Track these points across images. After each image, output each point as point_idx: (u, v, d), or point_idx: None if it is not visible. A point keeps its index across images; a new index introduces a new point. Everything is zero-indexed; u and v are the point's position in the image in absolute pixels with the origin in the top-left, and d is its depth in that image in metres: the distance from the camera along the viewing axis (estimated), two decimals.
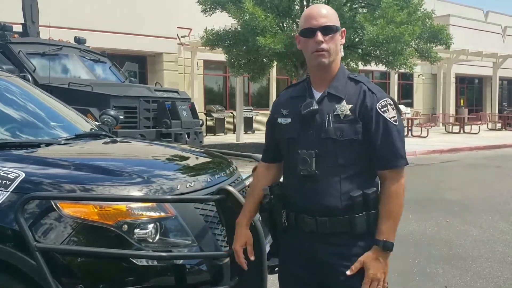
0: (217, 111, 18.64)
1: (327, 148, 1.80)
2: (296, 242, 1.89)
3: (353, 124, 1.78)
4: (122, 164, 2.65)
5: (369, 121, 1.78)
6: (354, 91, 1.83)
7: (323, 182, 1.81)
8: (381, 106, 1.80)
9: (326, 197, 1.80)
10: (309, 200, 1.83)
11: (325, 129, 1.80)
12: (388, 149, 1.79)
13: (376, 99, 1.80)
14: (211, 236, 2.24)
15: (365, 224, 1.79)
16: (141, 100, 8.15)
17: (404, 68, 11.95)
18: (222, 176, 2.63)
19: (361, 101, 1.80)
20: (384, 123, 1.78)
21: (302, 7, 12.46)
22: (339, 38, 1.85)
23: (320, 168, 1.80)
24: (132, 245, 2.03)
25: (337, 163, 1.80)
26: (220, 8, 12.48)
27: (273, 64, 14.02)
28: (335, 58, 1.85)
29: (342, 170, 1.80)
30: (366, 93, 1.81)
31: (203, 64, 19.19)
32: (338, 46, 1.85)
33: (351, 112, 1.79)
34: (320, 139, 1.81)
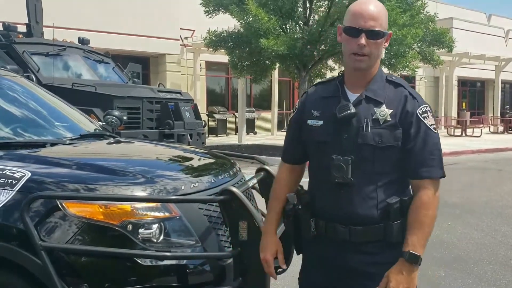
0: (219, 112, 18.66)
1: (364, 155, 1.70)
2: (323, 251, 1.81)
3: (393, 130, 1.69)
4: (126, 164, 2.66)
5: (409, 127, 1.70)
6: (394, 95, 1.73)
7: (359, 190, 1.72)
8: (422, 112, 1.71)
9: (362, 206, 1.71)
10: (343, 209, 1.73)
11: (362, 134, 1.70)
12: (426, 157, 1.70)
13: (418, 104, 1.72)
14: (214, 236, 2.25)
15: (401, 232, 1.70)
16: (144, 101, 8.17)
17: (407, 71, 11.96)
18: (226, 177, 2.64)
19: (402, 106, 1.71)
20: (424, 130, 1.70)
21: (305, 9, 12.49)
22: (383, 42, 1.74)
23: (356, 175, 1.70)
24: (136, 245, 2.05)
25: (374, 170, 1.71)
26: (223, 9, 12.51)
27: (276, 66, 14.04)
28: (375, 62, 1.76)
29: (379, 177, 1.72)
30: (408, 97, 1.72)
31: (206, 65, 19.22)
32: (381, 50, 1.75)
33: (391, 117, 1.70)
34: (356, 145, 1.71)
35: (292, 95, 22.21)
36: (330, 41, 11.57)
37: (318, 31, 11.47)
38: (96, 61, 9.35)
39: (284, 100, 21.75)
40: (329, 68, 15.01)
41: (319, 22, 11.96)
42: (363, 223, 1.71)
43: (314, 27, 11.82)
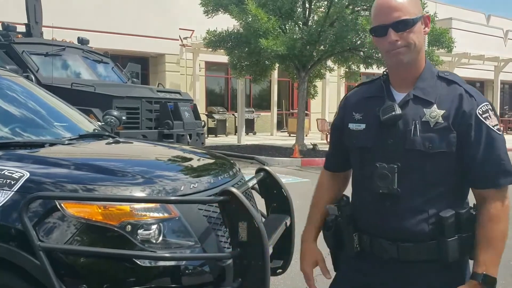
0: (218, 112, 18.65)
1: (412, 162, 1.51)
2: (368, 269, 1.62)
3: (446, 134, 1.48)
4: (125, 164, 2.65)
5: (467, 130, 1.48)
6: (447, 93, 1.52)
7: (407, 202, 1.52)
8: (482, 111, 1.49)
9: (410, 219, 1.52)
10: (388, 223, 1.55)
11: (411, 139, 1.50)
12: (492, 163, 1.49)
13: (476, 103, 1.49)
14: (214, 237, 2.24)
15: (458, 250, 1.49)
16: (143, 101, 8.17)
17: None
18: (225, 178, 2.63)
19: (456, 106, 1.49)
20: (487, 132, 1.48)
21: (304, 9, 12.49)
22: (421, 28, 1.53)
23: (403, 185, 1.51)
24: (135, 245, 2.03)
25: (424, 179, 1.51)
26: (223, 9, 12.51)
27: (275, 66, 14.05)
28: (418, 53, 1.54)
29: (430, 187, 1.52)
30: (463, 96, 1.50)
31: (205, 65, 19.22)
32: (421, 38, 1.53)
33: (443, 119, 1.48)
34: (404, 151, 1.52)
35: (291, 95, 22.21)
36: (329, 41, 11.57)
37: (317, 32, 11.47)
38: (95, 61, 9.35)
39: (284, 101, 21.75)
40: (328, 68, 15.02)
41: (318, 22, 11.96)
42: (413, 239, 1.51)
43: (314, 28, 11.82)
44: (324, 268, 1.80)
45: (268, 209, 2.90)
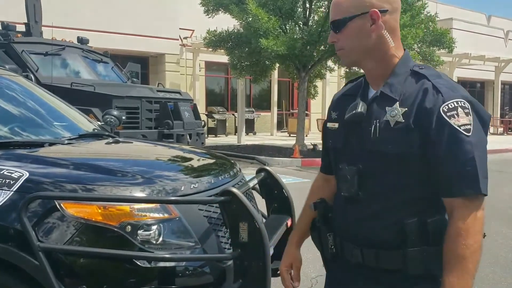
0: (218, 112, 18.65)
1: (374, 164, 1.40)
2: (341, 274, 1.57)
3: (406, 134, 1.34)
4: (124, 164, 2.64)
5: (428, 129, 1.32)
6: (413, 89, 1.37)
7: (369, 207, 1.43)
8: (448, 108, 1.31)
9: (371, 225, 1.42)
10: (352, 227, 1.47)
11: (372, 140, 1.40)
12: (453, 168, 1.30)
13: (442, 99, 1.32)
14: (214, 238, 2.22)
15: (421, 263, 1.35)
16: (143, 101, 8.15)
17: None
18: (226, 178, 2.62)
19: (419, 102, 1.34)
20: (450, 132, 1.29)
21: (304, 9, 12.48)
22: (362, 26, 1.39)
23: (364, 189, 1.42)
24: (135, 246, 2.02)
25: (386, 183, 1.40)
26: (223, 9, 12.50)
27: (275, 66, 14.04)
28: (364, 54, 1.43)
29: (392, 192, 1.39)
30: (429, 91, 1.34)
31: (205, 65, 19.21)
32: (361, 39, 1.40)
33: (404, 117, 1.35)
34: (366, 152, 1.42)
35: (291, 95, 22.20)
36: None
37: (317, 32, 11.46)
38: (95, 61, 9.34)
39: (284, 101, 21.74)
40: (329, 68, 15.01)
41: (318, 22, 11.95)
42: (376, 245, 1.41)
43: (314, 28, 11.81)
44: (296, 276, 1.75)
45: (269, 210, 2.89)
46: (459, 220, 1.29)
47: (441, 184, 1.33)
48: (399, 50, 1.44)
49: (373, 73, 1.46)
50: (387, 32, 1.40)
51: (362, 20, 1.39)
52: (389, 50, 1.42)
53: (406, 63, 1.43)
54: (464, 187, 1.29)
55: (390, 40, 1.40)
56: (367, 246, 1.43)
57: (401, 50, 1.45)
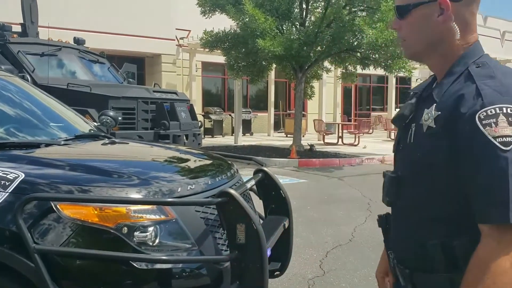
0: (215, 113, 18.63)
1: (407, 173, 1.26)
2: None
3: (434, 141, 1.16)
4: (121, 165, 2.63)
5: (458, 138, 1.11)
6: (455, 90, 1.17)
7: (400, 220, 1.31)
8: (485, 115, 1.07)
9: (401, 241, 1.30)
10: (391, 239, 1.38)
11: (407, 145, 1.27)
12: (479, 188, 1.07)
13: (481, 104, 1.08)
14: (211, 239, 2.22)
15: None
16: (139, 101, 8.13)
17: (403, 72, 11.96)
18: (223, 179, 2.61)
19: (454, 106, 1.13)
20: (482, 143, 1.06)
21: (301, 10, 12.48)
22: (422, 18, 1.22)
23: (398, 199, 1.30)
24: (132, 248, 2.01)
25: (414, 196, 1.24)
26: (220, 10, 12.48)
27: (272, 66, 14.03)
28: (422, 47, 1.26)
29: (421, 207, 1.22)
30: (469, 94, 1.12)
31: (202, 65, 19.19)
32: (424, 31, 1.23)
33: (435, 122, 1.16)
34: (403, 158, 1.30)
35: (288, 96, 22.20)
36: (326, 42, 11.57)
37: (314, 32, 11.46)
38: (91, 61, 9.31)
39: (281, 101, 21.74)
40: (325, 69, 15.02)
41: (315, 23, 11.96)
42: (407, 265, 1.27)
43: (310, 28, 11.82)
44: (381, 284, 1.53)
45: (266, 211, 2.89)
46: (482, 249, 1.07)
47: (472, 206, 1.10)
48: (466, 43, 1.23)
49: (435, 69, 1.29)
50: (456, 24, 1.20)
51: (429, 9, 1.21)
52: (454, 44, 1.22)
53: (466, 60, 1.21)
54: (489, 212, 1.06)
55: (457, 33, 1.20)
56: (402, 264, 1.29)
57: (469, 44, 1.23)
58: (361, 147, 14.81)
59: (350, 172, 10.43)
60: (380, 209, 1.57)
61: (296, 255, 4.36)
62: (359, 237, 5.20)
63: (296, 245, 4.66)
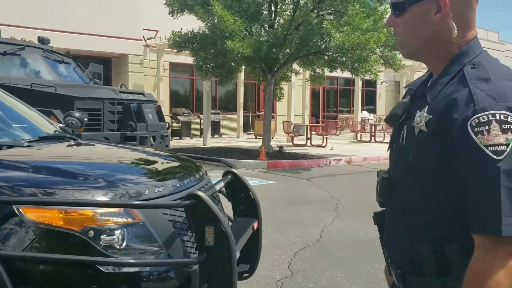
0: (183, 114, 18.47)
1: (398, 174, 1.24)
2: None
3: (425, 145, 1.13)
4: (87, 167, 2.59)
5: (450, 144, 1.08)
6: (448, 93, 1.13)
7: (393, 222, 1.29)
8: (477, 122, 1.03)
9: (393, 242, 1.29)
10: (384, 241, 1.37)
11: (399, 147, 1.25)
12: (470, 198, 1.05)
13: (473, 110, 1.05)
14: (179, 242, 2.20)
15: None
16: (106, 102, 7.98)
17: (369, 75, 12.17)
18: (191, 181, 2.59)
19: (445, 110, 1.10)
20: (473, 152, 1.03)
21: (270, 12, 12.55)
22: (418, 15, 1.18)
23: (390, 200, 1.29)
24: (98, 251, 1.98)
25: (405, 199, 1.22)
26: (188, 10, 12.42)
27: (241, 68, 14.04)
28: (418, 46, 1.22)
29: (413, 210, 1.20)
30: (462, 98, 1.08)
31: (170, 66, 19.02)
32: (420, 29, 1.19)
33: (427, 126, 1.13)
34: (397, 160, 1.28)
35: (258, 97, 22.26)
36: (294, 44, 11.66)
37: (283, 35, 11.54)
38: (57, 61, 9.08)
39: (250, 103, 21.78)
40: (294, 71, 15.13)
41: (284, 25, 12.04)
42: (400, 267, 1.25)
43: (279, 31, 11.89)
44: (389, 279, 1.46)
45: (235, 213, 2.88)
46: (476, 261, 1.04)
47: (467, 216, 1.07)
48: (464, 41, 1.18)
49: (432, 67, 1.25)
50: (454, 22, 1.15)
51: (426, 6, 1.16)
52: (451, 42, 1.17)
53: (462, 59, 1.17)
54: (481, 223, 1.03)
55: (454, 30, 1.16)
56: (398, 266, 1.26)
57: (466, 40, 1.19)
58: (329, 149, 14.99)
59: (318, 173, 10.54)
60: (347, 210, 1.59)
61: (265, 257, 4.38)
62: (326, 237, 5.26)
63: (264, 247, 4.68)
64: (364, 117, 22.43)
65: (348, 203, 7.09)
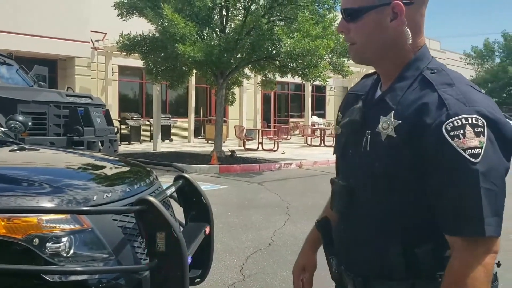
0: (132, 118, 18.10)
1: (363, 182, 1.21)
2: None
3: (396, 152, 1.11)
4: (31, 172, 2.48)
5: (425, 150, 1.07)
6: (414, 98, 1.12)
7: (354, 228, 1.25)
8: (452, 127, 1.04)
9: (358, 250, 1.24)
10: (342, 250, 1.32)
11: (361, 153, 1.21)
12: (450, 201, 1.06)
13: (446, 114, 1.06)
14: (129, 248, 2.14)
15: None
16: (51, 106, 7.72)
17: (319, 81, 12.41)
18: (142, 186, 2.54)
19: (416, 115, 1.09)
20: (451, 156, 1.04)
21: (221, 16, 12.55)
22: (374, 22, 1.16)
23: (352, 209, 1.25)
24: (43, 260, 1.90)
25: (373, 206, 1.19)
26: (138, 13, 12.21)
27: (193, 72, 13.94)
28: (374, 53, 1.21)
29: (381, 217, 1.18)
30: (433, 103, 1.08)
31: (118, 69, 18.60)
32: (376, 36, 1.17)
33: (396, 131, 1.12)
34: (356, 166, 1.23)
35: (209, 102, 22.17)
36: (246, 49, 11.71)
37: (234, 39, 11.57)
38: None
39: (201, 107, 21.65)
40: (246, 76, 15.19)
41: (235, 30, 12.07)
42: (362, 273, 1.24)
43: (231, 35, 11.91)
44: (308, 281, 1.51)
45: (187, 218, 2.85)
46: (455, 261, 1.05)
47: (439, 218, 1.08)
48: (416, 47, 1.19)
49: (385, 73, 1.24)
50: (408, 28, 1.15)
51: (381, 13, 1.15)
52: (404, 48, 1.18)
53: (417, 64, 1.18)
54: (463, 225, 1.04)
55: (409, 37, 1.16)
56: (355, 273, 1.26)
57: (417, 48, 1.20)
58: (280, 153, 15.14)
59: (269, 177, 10.62)
60: (298, 213, 1.60)
61: (217, 261, 4.35)
62: (278, 240, 5.31)
63: (216, 251, 4.65)
64: (314, 121, 22.82)
65: (299, 206, 7.18)
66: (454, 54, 38.39)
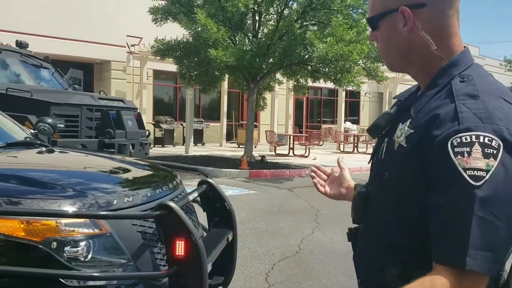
0: (166, 122, 18.32)
1: (374, 190, 1.17)
2: None
3: (403, 162, 1.04)
4: (55, 175, 2.49)
5: (428, 163, 0.99)
6: (432, 107, 1.04)
7: (364, 239, 1.20)
8: (459, 142, 0.94)
9: (362, 261, 1.21)
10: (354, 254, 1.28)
11: (378, 160, 1.18)
12: (439, 222, 0.95)
13: (456, 128, 0.96)
14: (149, 254, 2.11)
15: None
16: (83, 108, 7.84)
17: (352, 86, 12.22)
18: (165, 191, 2.51)
19: (427, 126, 1.00)
20: (450, 174, 0.94)
21: (254, 22, 12.54)
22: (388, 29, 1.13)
23: (364, 216, 1.20)
24: (61, 264, 1.88)
25: (377, 217, 1.14)
26: (172, 18, 12.35)
27: (225, 77, 13.99)
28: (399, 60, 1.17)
29: (384, 230, 1.11)
30: (445, 115, 0.99)
31: (153, 74, 18.89)
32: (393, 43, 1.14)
33: (407, 141, 1.05)
34: (374, 174, 1.20)
35: (241, 106, 22.22)
36: (278, 54, 11.65)
37: (266, 44, 11.53)
38: (35, 66, 8.91)
39: (233, 112, 21.72)
40: (277, 81, 15.13)
41: (267, 35, 12.04)
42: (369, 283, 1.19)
43: (263, 40, 11.88)
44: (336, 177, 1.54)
45: (210, 223, 2.80)
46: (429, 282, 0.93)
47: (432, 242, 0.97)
48: (448, 52, 1.10)
49: (418, 80, 1.18)
50: (426, 33, 1.08)
51: (393, 20, 1.12)
52: (430, 53, 1.10)
53: (451, 71, 1.08)
54: (446, 254, 0.93)
55: (431, 42, 1.08)
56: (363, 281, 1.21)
57: (452, 52, 1.10)
58: (311, 159, 14.98)
59: (299, 183, 10.50)
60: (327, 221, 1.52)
61: (242, 268, 4.29)
62: (305, 248, 5.20)
63: (242, 258, 4.59)
64: (347, 127, 22.53)
65: (328, 214, 7.04)
66: (493, 60, 37.25)
